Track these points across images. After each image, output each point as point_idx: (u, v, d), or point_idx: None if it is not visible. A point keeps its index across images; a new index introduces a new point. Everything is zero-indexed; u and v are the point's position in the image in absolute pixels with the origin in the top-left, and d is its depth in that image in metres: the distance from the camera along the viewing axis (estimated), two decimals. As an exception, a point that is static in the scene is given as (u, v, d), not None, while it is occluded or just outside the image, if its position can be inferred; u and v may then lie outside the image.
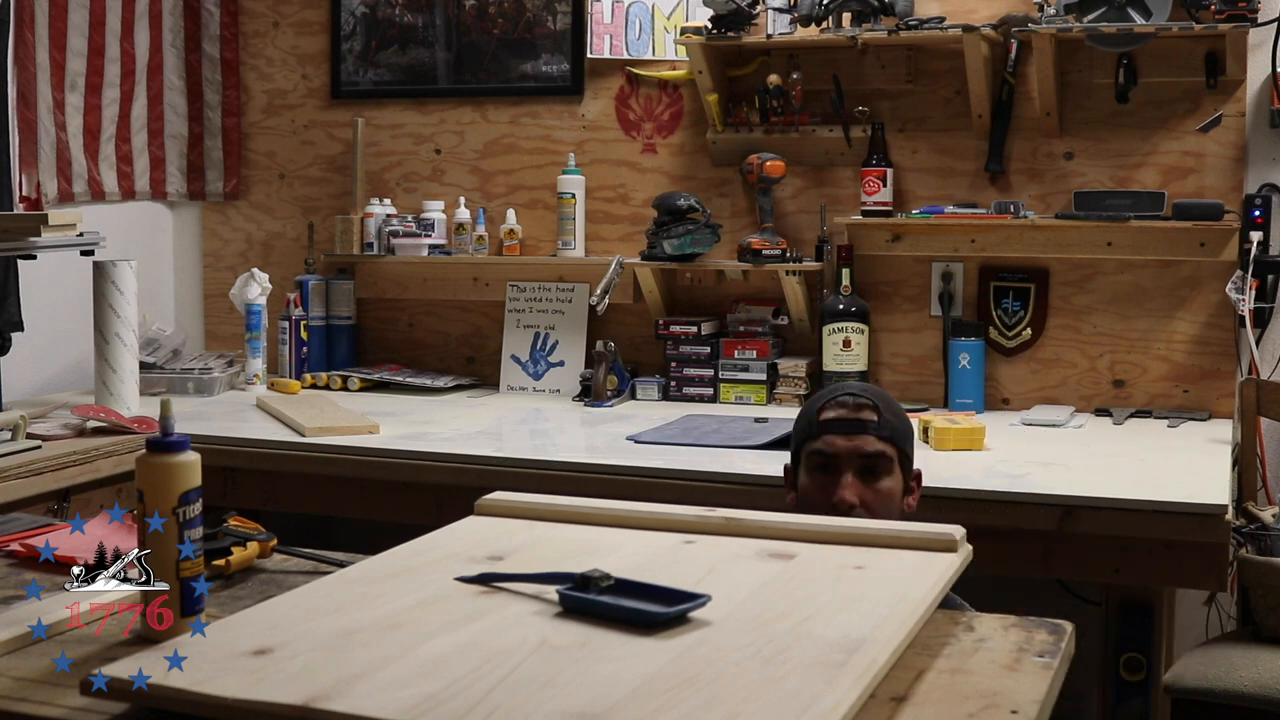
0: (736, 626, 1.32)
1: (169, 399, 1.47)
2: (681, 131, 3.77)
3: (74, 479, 2.76)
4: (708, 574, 1.50)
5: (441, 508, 1.79)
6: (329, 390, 3.78)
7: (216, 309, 4.24)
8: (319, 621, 1.33)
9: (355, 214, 3.96)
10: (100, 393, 3.28)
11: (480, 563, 1.54)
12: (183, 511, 1.39)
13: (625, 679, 1.17)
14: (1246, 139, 3.30)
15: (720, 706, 1.11)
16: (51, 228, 2.97)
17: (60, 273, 3.47)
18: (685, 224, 3.55)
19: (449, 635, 1.29)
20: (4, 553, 1.79)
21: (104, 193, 3.83)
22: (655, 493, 2.65)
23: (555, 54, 3.88)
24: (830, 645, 1.26)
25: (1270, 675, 2.52)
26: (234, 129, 4.17)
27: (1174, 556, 2.47)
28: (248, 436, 3.11)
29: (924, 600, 1.40)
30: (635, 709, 1.11)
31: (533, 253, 3.91)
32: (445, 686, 1.14)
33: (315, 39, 4.12)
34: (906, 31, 3.36)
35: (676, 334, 3.63)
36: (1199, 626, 3.20)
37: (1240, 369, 3.30)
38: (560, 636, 1.29)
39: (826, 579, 1.48)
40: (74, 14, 3.69)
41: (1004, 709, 1.24)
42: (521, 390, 3.83)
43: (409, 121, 4.04)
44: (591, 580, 1.38)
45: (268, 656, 1.23)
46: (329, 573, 1.58)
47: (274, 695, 1.13)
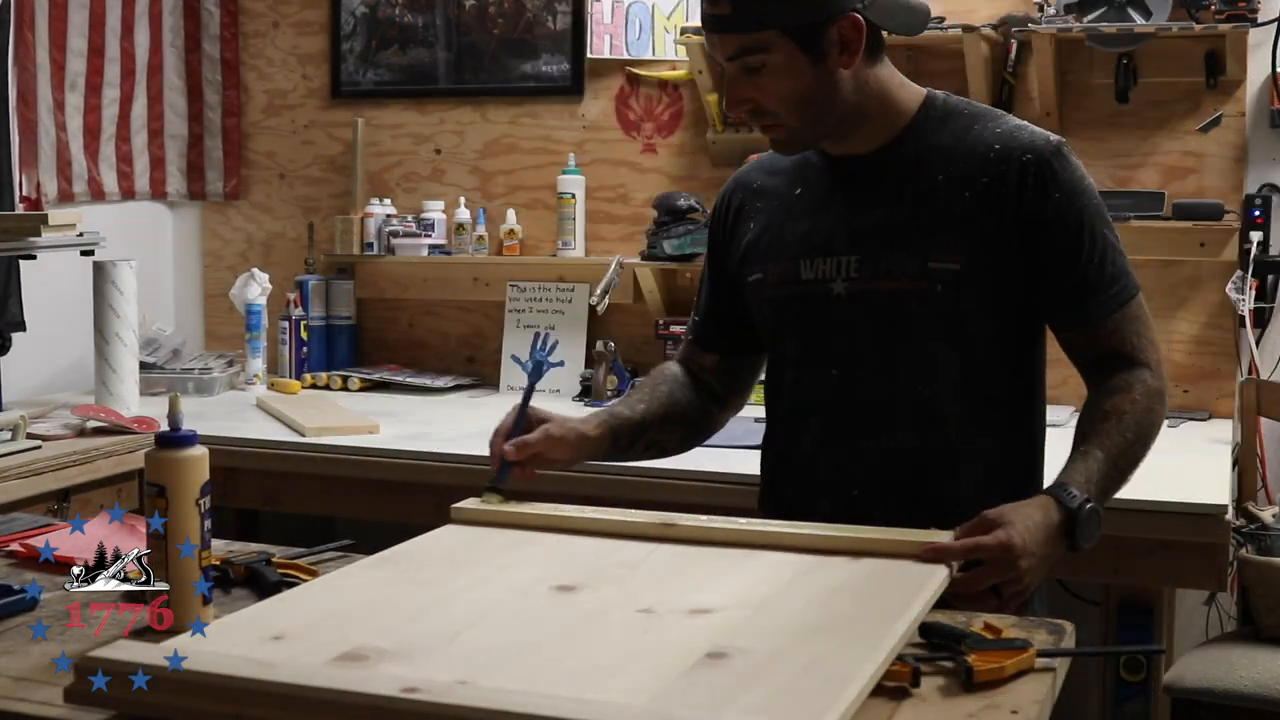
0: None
1: (177, 394, 1.48)
2: (681, 131, 3.77)
3: (74, 479, 2.76)
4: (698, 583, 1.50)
5: (441, 508, 1.78)
6: (329, 390, 3.78)
7: (216, 309, 4.24)
8: (325, 614, 1.34)
9: (355, 214, 3.96)
10: (100, 393, 3.28)
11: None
12: (202, 503, 1.41)
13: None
14: (1246, 139, 3.30)
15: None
16: (51, 228, 2.97)
17: (60, 273, 3.47)
18: (685, 224, 3.55)
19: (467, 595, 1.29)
20: (4, 553, 1.79)
21: (104, 193, 3.83)
22: (655, 493, 2.65)
23: (555, 54, 3.88)
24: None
25: (1270, 675, 2.52)
26: (234, 129, 4.17)
27: (1174, 556, 2.47)
28: (248, 436, 3.11)
29: (907, 617, 1.35)
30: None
31: (533, 253, 3.91)
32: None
33: (315, 39, 4.12)
34: (906, 31, 3.35)
35: (676, 334, 3.63)
36: (1199, 626, 3.20)
37: (1240, 369, 3.30)
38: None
39: (815, 592, 1.48)
40: (74, 14, 3.69)
41: (1004, 709, 1.24)
42: (521, 390, 3.81)
43: (409, 121, 4.04)
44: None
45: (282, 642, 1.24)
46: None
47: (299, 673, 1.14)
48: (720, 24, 1.70)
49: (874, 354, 1.76)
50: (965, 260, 1.71)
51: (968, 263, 1.71)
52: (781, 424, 1.89)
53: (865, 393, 1.77)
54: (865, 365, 1.77)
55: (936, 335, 1.73)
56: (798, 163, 1.86)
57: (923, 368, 1.74)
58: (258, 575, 1.62)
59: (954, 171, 1.74)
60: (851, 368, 1.77)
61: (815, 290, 1.78)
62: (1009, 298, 1.74)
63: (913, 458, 1.75)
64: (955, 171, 1.74)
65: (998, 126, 1.77)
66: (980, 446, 1.75)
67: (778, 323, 1.86)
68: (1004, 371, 1.78)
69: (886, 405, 1.76)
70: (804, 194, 1.84)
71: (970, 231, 1.71)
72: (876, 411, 1.76)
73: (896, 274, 1.73)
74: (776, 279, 1.83)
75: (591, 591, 1.44)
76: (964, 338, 1.74)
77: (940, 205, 1.73)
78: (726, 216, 1.95)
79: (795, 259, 1.80)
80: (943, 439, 1.74)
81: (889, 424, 1.76)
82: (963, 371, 1.75)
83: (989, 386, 1.76)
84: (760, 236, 1.87)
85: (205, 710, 1.14)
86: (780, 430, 1.90)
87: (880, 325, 1.75)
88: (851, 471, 1.78)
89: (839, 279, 1.77)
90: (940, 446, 1.75)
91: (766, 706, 1.11)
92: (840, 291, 1.77)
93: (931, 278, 1.71)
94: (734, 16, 1.69)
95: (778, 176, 1.89)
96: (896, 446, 1.75)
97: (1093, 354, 1.75)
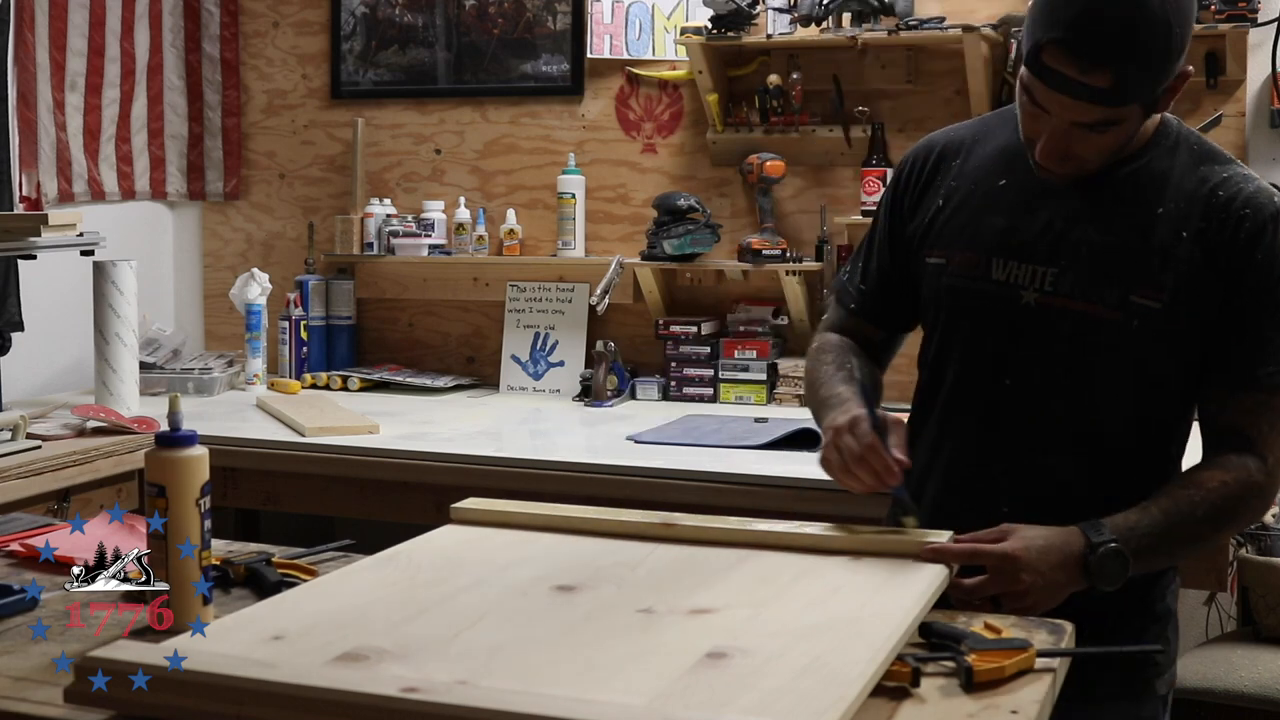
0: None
1: (177, 395, 1.48)
2: (681, 131, 3.77)
3: (74, 479, 2.76)
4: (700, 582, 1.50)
5: (441, 508, 1.78)
6: (329, 390, 3.78)
7: (216, 309, 4.24)
8: (325, 614, 1.34)
9: (355, 214, 3.96)
10: (100, 393, 3.28)
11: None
12: (203, 503, 1.41)
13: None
14: (1246, 139, 3.30)
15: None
16: (51, 228, 2.97)
17: (60, 273, 3.47)
18: (685, 224, 3.55)
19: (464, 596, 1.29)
20: (4, 553, 1.79)
21: (104, 193, 3.83)
22: (655, 493, 2.66)
23: (555, 54, 3.88)
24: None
25: (1270, 675, 2.53)
26: (234, 129, 4.17)
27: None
28: (248, 436, 3.11)
29: (907, 617, 1.35)
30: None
31: (533, 253, 3.91)
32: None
33: (315, 39, 4.12)
34: (906, 31, 3.36)
35: (676, 334, 3.63)
36: (1199, 626, 3.20)
37: (1240, 369, 3.30)
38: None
39: (815, 592, 1.48)
40: (74, 14, 3.69)
41: (1004, 709, 1.24)
42: (521, 390, 3.83)
43: (409, 121, 4.04)
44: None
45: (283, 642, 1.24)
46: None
47: (297, 673, 1.14)
48: (1090, 94, 1.57)
49: (1052, 372, 1.70)
50: (1168, 301, 1.65)
51: (1170, 304, 1.64)
52: (936, 421, 1.80)
53: (1034, 408, 1.71)
54: (1040, 381, 1.70)
55: (1121, 369, 1.68)
56: (1005, 150, 1.76)
57: (1098, 396, 1.69)
58: (258, 575, 1.62)
59: (1173, 208, 1.67)
60: (1025, 380, 1.71)
61: (1004, 294, 1.71)
62: (1196, 348, 1.68)
63: (1069, 483, 1.70)
64: (1175, 208, 1.67)
65: (1225, 171, 1.70)
66: (1133, 485, 1.68)
67: (953, 315, 1.77)
68: (1170, 419, 1.73)
69: (1053, 425, 1.70)
70: (1009, 186, 1.74)
71: (1179, 273, 1.65)
72: (1042, 430, 1.71)
73: (1094, 299, 1.66)
74: (962, 269, 1.74)
75: (591, 591, 1.44)
76: (1145, 377, 1.68)
77: (1155, 239, 1.66)
78: (920, 176, 1.83)
79: (987, 254, 1.73)
80: (1101, 470, 1.70)
81: (1052, 445, 1.70)
82: (1135, 409, 1.69)
83: (1155, 430, 1.72)
84: (952, 217, 1.77)
85: (205, 710, 1.14)
86: (933, 427, 1.81)
87: (1065, 345, 1.69)
88: (1002, 484, 1.72)
89: (1031, 288, 1.70)
90: (1097, 478, 1.70)
91: (766, 706, 1.11)
92: (1030, 301, 1.70)
93: (1130, 311, 1.65)
94: (1110, 91, 1.57)
95: (983, 158, 1.79)
96: (1055, 469, 1.70)
97: (1218, 424, 1.69)
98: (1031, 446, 1.71)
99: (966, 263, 1.74)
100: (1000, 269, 1.71)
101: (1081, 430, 1.69)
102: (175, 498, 1.40)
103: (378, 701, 1.10)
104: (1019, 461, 1.71)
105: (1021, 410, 1.71)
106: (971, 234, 1.74)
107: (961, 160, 1.80)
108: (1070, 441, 1.70)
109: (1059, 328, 1.68)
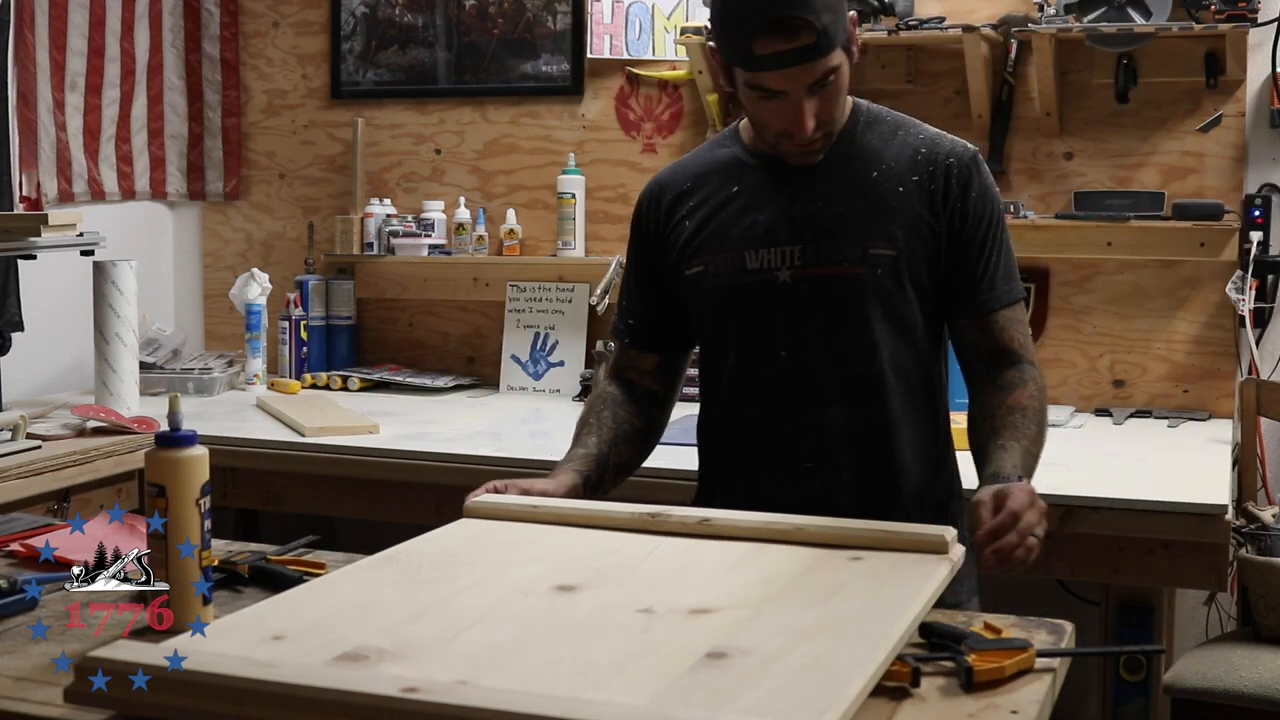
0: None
1: (177, 395, 1.48)
2: (681, 131, 3.77)
3: (74, 479, 2.76)
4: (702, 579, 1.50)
5: (441, 508, 1.79)
6: (329, 390, 3.78)
7: (216, 309, 4.24)
8: (325, 614, 1.34)
9: (355, 214, 3.96)
10: (100, 393, 3.28)
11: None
12: (203, 503, 1.41)
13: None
14: (1246, 139, 3.30)
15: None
16: (51, 228, 2.97)
17: (60, 273, 3.47)
18: (685, 224, 3.55)
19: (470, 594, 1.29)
20: (4, 553, 1.79)
21: (104, 193, 3.83)
22: (655, 493, 2.65)
23: (555, 54, 3.88)
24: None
25: (1270, 675, 2.52)
26: (234, 129, 4.17)
27: (1174, 556, 2.47)
28: (248, 436, 3.11)
29: (907, 617, 1.35)
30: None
31: (533, 253, 3.91)
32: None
33: (315, 39, 4.12)
34: (906, 31, 3.36)
35: (676, 334, 3.63)
36: (1199, 626, 3.20)
37: (1240, 369, 3.30)
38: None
39: (815, 592, 1.48)
40: (74, 14, 3.69)
41: (1004, 709, 1.24)
42: (521, 390, 3.83)
43: (409, 121, 4.04)
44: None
45: (283, 642, 1.24)
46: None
47: (300, 674, 1.14)
48: (806, 54, 1.74)
49: (819, 334, 1.88)
50: (902, 247, 1.86)
51: (904, 249, 1.86)
52: (724, 407, 1.97)
53: (812, 370, 1.89)
54: (811, 345, 1.88)
55: (876, 316, 1.87)
56: (727, 164, 1.96)
57: (865, 346, 1.87)
58: (271, 573, 1.62)
59: (886, 169, 1.89)
60: (798, 348, 1.89)
61: (761, 279, 1.89)
62: (934, 282, 1.90)
63: (857, 430, 1.88)
64: (888, 169, 1.89)
65: (920, 133, 1.93)
66: (913, 419, 1.90)
67: (721, 311, 1.94)
68: (929, 351, 1.93)
69: (833, 381, 1.88)
70: (742, 192, 1.94)
71: (904, 221, 1.87)
72: (824, 387, 1.89)
73: (839, 260, 1.87)
74: (721, 270, 1.92)
75: (591, 591, 1.44)
76: (898, 319, 1.88)
77: (877, 199, 1.88)
78: (658, 212, 2.01)
79: (740, 250, 1.91)
80: (883, 412, 1.88)
81: (835, 399, 1.88)
82: (898, 349, 1.89)
83: (918, 364, 1.92)
84: (699, 232, 1.95)
85: (205, 710, 1.14)
86: (722, 413, 1.98)
87: (824, 307, 1.88)
88: (802, 444, 1.89)
89: (784, 267, 1.88)
90: (881, 419, 1.88)
91: (766, 706, 1.11)
92: (785, 279, 1.88)
93: (872, 263, 1.86)
94: (819, 43, 1.74)
95: (707, 178, 1.97)
96: (842, 419, 1.88)
97: (985, 348, 1.90)
98: (822, 404, 1.89)
99: (722, 263, 1.92)
100: (754, 259, 1.90)
101: (860, 381, 1.88)
102: (175, 498, 1.40)
103: (378, 701, 1.10)
104: (811, 420, 1.89)
105: (800, 374, 1.89)
106: (720, 239, 1.93)
107: (692, 185, 1.98)
108: (854, 393, 1.88)
109: (815, 294, 1.88)
